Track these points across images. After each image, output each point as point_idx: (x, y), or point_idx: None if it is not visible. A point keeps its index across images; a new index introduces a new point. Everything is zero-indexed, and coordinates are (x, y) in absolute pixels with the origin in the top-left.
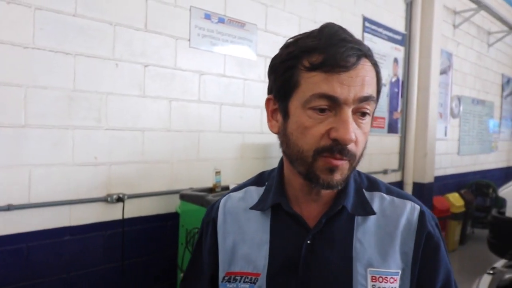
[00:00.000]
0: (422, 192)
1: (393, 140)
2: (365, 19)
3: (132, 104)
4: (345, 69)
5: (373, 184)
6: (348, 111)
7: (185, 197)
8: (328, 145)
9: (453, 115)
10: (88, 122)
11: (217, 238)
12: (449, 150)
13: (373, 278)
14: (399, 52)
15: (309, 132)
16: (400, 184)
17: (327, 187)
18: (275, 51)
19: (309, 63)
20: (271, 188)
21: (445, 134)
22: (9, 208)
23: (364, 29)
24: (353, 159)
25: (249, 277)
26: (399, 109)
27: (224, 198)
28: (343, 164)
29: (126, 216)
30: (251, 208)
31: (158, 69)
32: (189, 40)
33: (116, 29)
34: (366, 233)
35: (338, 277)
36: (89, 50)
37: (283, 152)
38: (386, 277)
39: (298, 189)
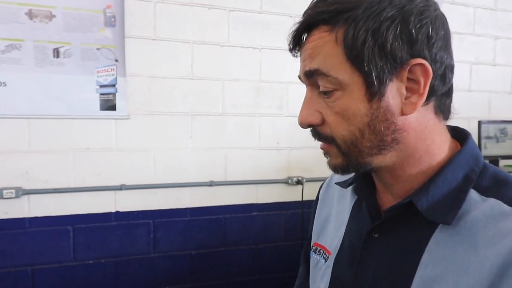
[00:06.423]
0: None
1: None
2: None
3: None
4: (294, 53)
5: (497, 187)
6: (307, 91)
7: None
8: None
9: None
10: (271, 110)
11: (317, 209)
12: None
13: None
14: None
15: None
16: None
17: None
18: None
19: None
20: None
21: None
22: (211, 184)
23: None
24: (334, 142)
25: (326, 253)
26: None
27: None
28: (328, 148)
29: (305, 198)
30: (336, 183)
31: None
32: None
33: (295, 20)
34: (446, 245)
35: (390, 286)
36: (272, 43)
37: None
38: None
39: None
